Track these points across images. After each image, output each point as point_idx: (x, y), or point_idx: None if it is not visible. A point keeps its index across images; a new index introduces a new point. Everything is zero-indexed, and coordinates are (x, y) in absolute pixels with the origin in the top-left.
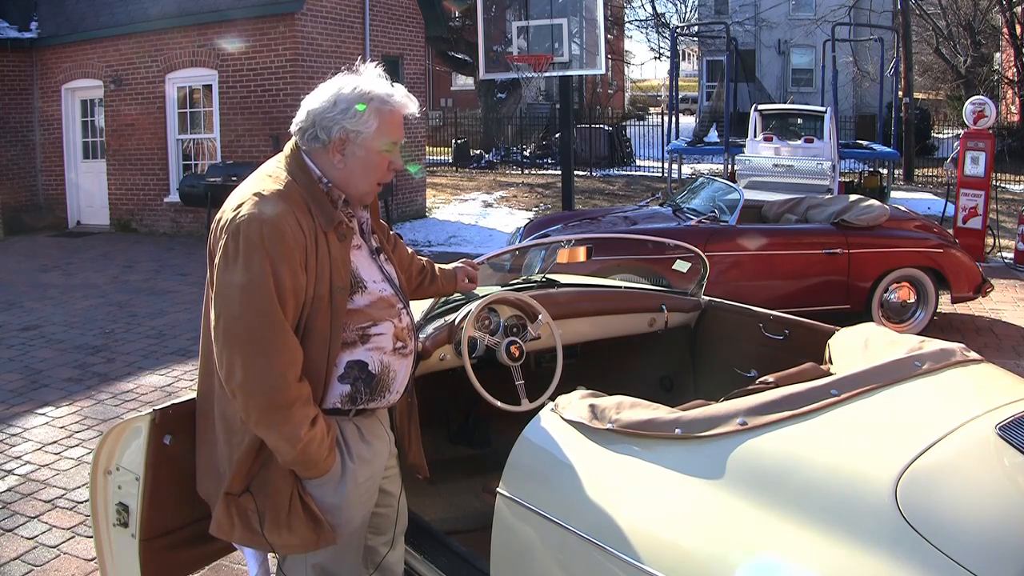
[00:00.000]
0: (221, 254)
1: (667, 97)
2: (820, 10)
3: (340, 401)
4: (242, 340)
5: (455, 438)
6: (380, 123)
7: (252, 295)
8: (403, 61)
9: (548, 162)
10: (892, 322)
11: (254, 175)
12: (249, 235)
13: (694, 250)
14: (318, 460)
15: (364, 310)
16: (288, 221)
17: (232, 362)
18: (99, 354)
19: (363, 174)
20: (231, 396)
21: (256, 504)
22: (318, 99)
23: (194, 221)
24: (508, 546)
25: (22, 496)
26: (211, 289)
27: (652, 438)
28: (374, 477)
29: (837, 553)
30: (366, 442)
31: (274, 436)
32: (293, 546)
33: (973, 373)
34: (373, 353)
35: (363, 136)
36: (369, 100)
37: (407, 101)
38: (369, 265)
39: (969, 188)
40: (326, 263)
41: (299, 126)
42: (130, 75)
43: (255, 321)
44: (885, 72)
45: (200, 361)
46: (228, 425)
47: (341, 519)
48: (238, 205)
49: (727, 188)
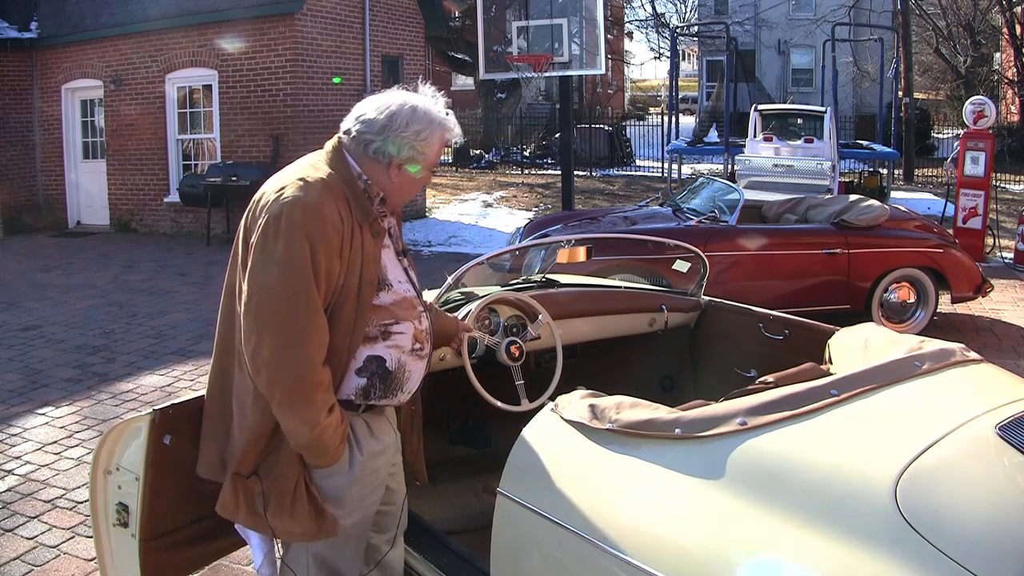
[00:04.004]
0: (260, 232)
1: (667, 97)
2: (820, 10)
3: (354, 394)
4: (275, 317)
5: (455, 438)
6: (439, 147)
7: (290, 273)
8: (403, 61)
9: (548, 162)
10: (892, 322)
11: (296, 164)
12: (292, 216)
13: (694, 250)
14: (330, 447)
15: (388, 308)
16: (329, 208)
17: (262, 338)
18: (99, 354)
19: (410, 188)
20: (255, 373)
21: (262, 487)
22: (383, 113)
23: (194, 221)
24: (508, 546)
25: (22, 496)
26: (241, 268)
27: (652, 438)
28: (380, 472)
29: (837, 553)
30: (374, 437)
31: (293, 418)
32: (294, 533)
33: (973, 373)
34: (392, 351)
35: (425, 157)
36: (439, 126)
37: (457, 127)
38: (395, 266)
39: (969, 188)
40: (359, 256)
41: (362, 135)
42: (130, 75)
43: (291, 299)
44: (885, 72)
45: (217, 340)
46: (241, 406)
47: (344, 511)
48: (281, 188)
49: (727, 188)
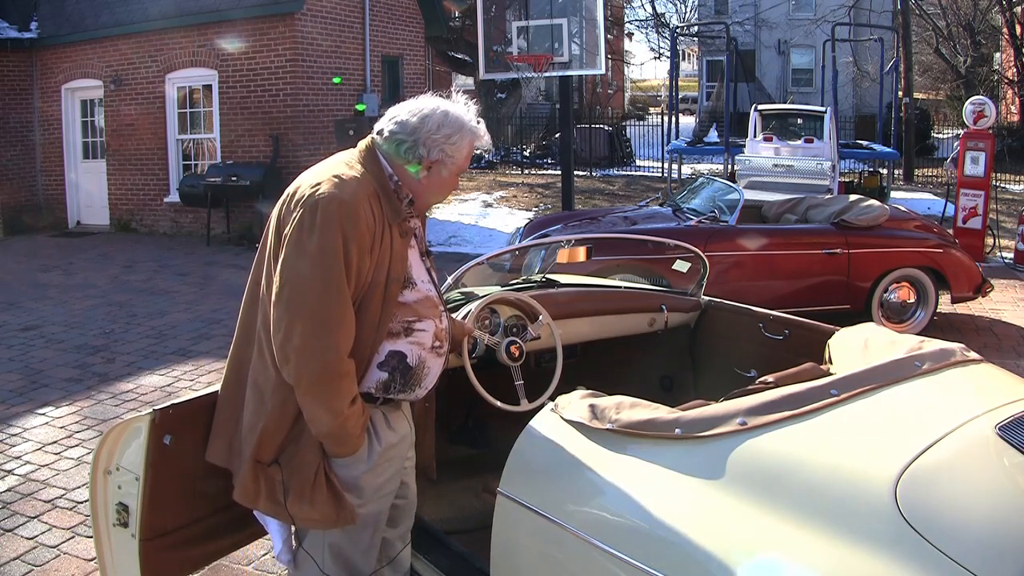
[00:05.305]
0: (295, 225)
1: (667, 97)
2: (820, 10)
3: (375, 387)
4: (307, 307)
5: (455, 438)
6: (468, 152)
7: (323, 265)
8: (403, 61)
9: (548, 162)
10: (892, 322)
11: (329, 161)
12: (328, 210)
13: (694, 250)
14: (352, 436)
15: (412, 305)
16: (363, 206)
17: (292, 327)
18: (99, 354)
19: (438, 191)
20: (282, 361)
21: (283, 475)
22: (416, 116)
23: (194, 221)
24: (508, 546)
25: (22, 496)
26: (272, 259)
27: (652, 438)
28: (395, 462)
29: (837, 553)
30: (391, 429)
31: (318, 406)
32: (313, 520)
33: (973, 373)
34: (414, 347)
35: (454, 161)
36: (469, 132)
37: (487, 136)
38: (419, 265)
39: (969, 188)
40: (387, 253)
41: (394, 136)
42: (130, 75)
43: (322, 290)
44: (885, 72)
45: (238, 331)
46: (259, 393)
47: (362, 500)
48: (316, 183)
49: (727, 188)
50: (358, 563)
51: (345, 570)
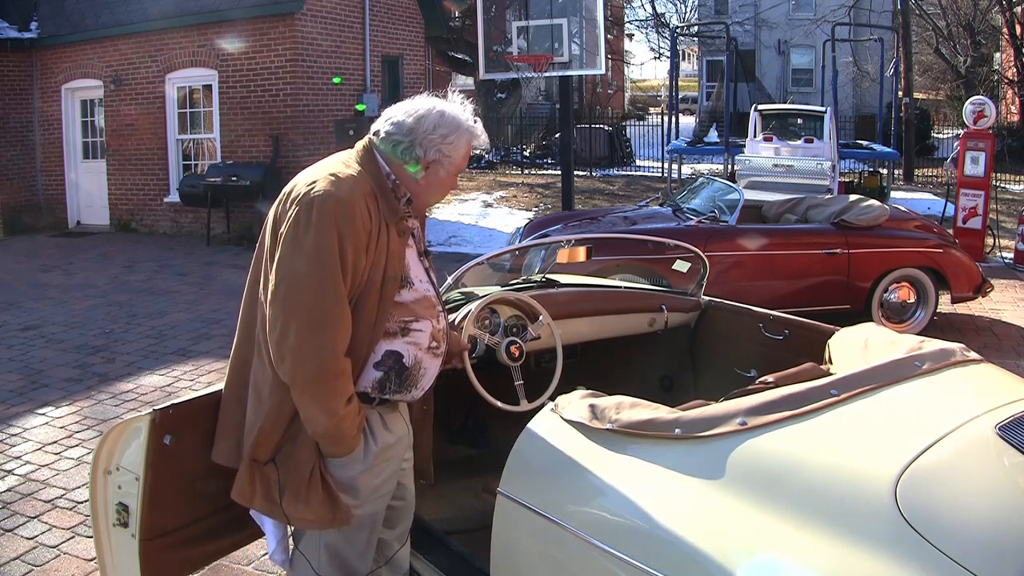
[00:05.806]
0: (291, 223)
1: (667, 97)
2: (820, 10)
3: (370, 387)
4: (302, 305)
5: (455, 438)
6: (466, 152)
7: (318, 263)
8: (403, 61)
9: (548, 162)
10: (892, 322)
11: (327, 160)
12: (323, 209)
13: (694, 250)
14: (347, 436)
15: (409, 305)
16: (359, 205)
17: (288, 326)
18: (99, 354)
19: (436, 191)
20: (278, 360)
21: (279, 475)
22: (412, 116)
23: (194, 221)
24: (508, 546)
25: (22, 496)
26: (268, 258)
27: (652, 438)
28: (392, 463)
29: (837, 553)
30: (388, 430)
31: (314, 406)
32: (308, 520)
33: (973, 373)
34: (410, 347)
35: (452, 161)
36: (466, 131)
37: (484, 134)
38: (417, 265)
39: (969, 188)
40: (384, 252)
41: (391, 137)
42: (130, 75)
43: (318, 289)
44: (885, 72)
45: (239, 331)
46: (258, 393)
47: (357, 501)
48: (313, 181)
49: (727, 188)
50: (354, 564)
51: (341, 571)
